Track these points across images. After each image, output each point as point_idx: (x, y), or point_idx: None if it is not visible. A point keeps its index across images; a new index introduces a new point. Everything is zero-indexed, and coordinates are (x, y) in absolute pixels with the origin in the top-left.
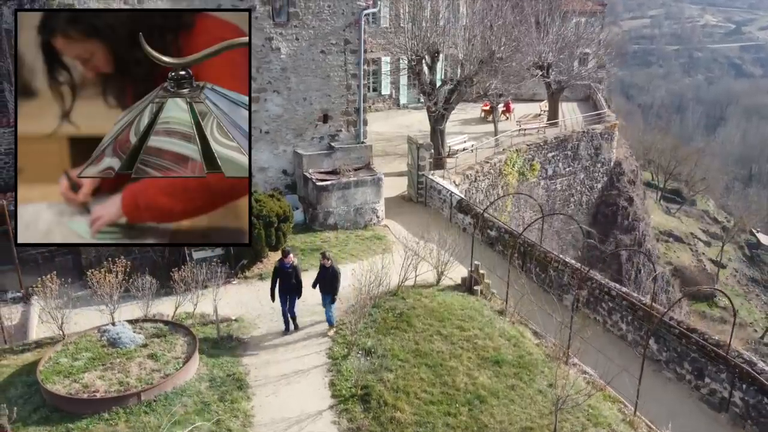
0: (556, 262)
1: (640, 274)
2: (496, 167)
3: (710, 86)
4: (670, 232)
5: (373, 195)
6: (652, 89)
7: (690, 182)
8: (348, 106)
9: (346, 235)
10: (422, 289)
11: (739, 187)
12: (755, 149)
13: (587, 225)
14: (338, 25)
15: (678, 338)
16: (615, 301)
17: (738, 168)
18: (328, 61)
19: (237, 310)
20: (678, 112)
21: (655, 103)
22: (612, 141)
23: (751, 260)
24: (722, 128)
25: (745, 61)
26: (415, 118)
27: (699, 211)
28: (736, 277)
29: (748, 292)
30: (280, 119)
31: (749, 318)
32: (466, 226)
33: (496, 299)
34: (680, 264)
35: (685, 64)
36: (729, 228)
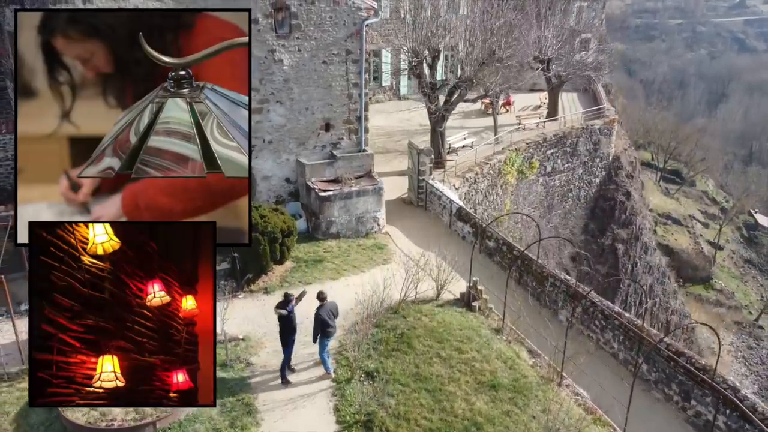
0: (552, 278)
1: (636, 267)
2: (495, 167)
3: (713, 61)
4: (669, 214)
5: (374, 204)
6: (654, 64)
7: (690, 162)
8: (350, 115)
9: (348, 245)
10: (422, 306)
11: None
12: (756, 126)
13: (585, 219)
14: (340, 35)
15: (666, 361)
16: (608, 320)
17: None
18: (330, 71)
19: (244, 327)
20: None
21: (657, 78)
22: (611, 136)
23: (748, 241)
24: (724, 105)
25: (749, 35)
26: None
27: (698, 192)
28: (733, 259)
29: (744, 274)
30: (283, 129)
31: (745, 300)
32: (465, 234)
33: (493, 315)
34: (678, 246)
35: (688, 39)
36: (728, 209)
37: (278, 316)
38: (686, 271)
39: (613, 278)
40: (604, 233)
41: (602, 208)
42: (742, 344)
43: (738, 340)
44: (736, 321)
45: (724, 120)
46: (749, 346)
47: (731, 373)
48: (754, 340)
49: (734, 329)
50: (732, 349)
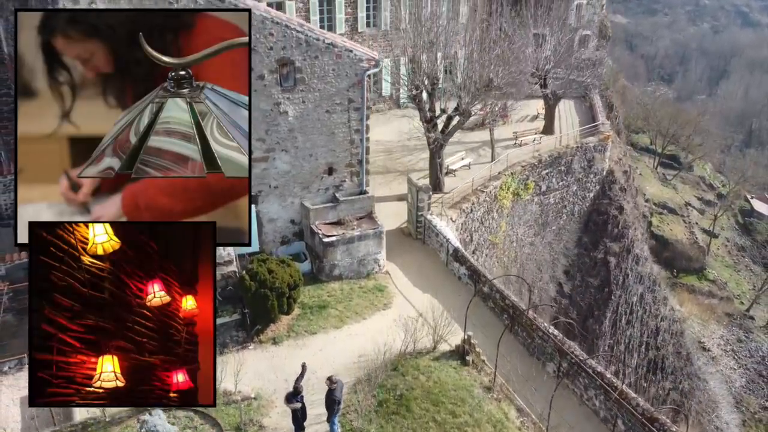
0: (541, 331)
1: (628, 278)
2: (492, 194)
3: (715, 35)
4: (665, 204)
5: (375, 246)
6: (656, 39)
7: (688, 147)
8: (351, 159)
9: (350, 287)
10: (420, 360)
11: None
12: (756, 105)
13: (579, 233)
14: (342, 86)
15: (641, 424)
16: (591, 378)
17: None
18: (333, 120)
19: (255, 382)
20: (681, 63)
21: (658, 53)
22: (605, 152)
23: (743, 228)
24: (725, 81)
25: (753, 9)
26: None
27: (695, 177)
28: (727, 247)
29: (738, 263)
30: (288, 174)
31: (737, 290)
32: (461, 275)
33: (486, 369)
34: (672, 237)
35: (691, 12)
36: (724, 194)
37: (292, 409)
38: (680, 262)
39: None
40: (597, 247)
41: (596, 221)
42: (732, 337)
43: (728, 333)
44: (727, 312)
45: (724, 98)
46: (739, 339)
47: (720, 367)
48: (744, 333)
49: (725, 321)
50: (722, 342)
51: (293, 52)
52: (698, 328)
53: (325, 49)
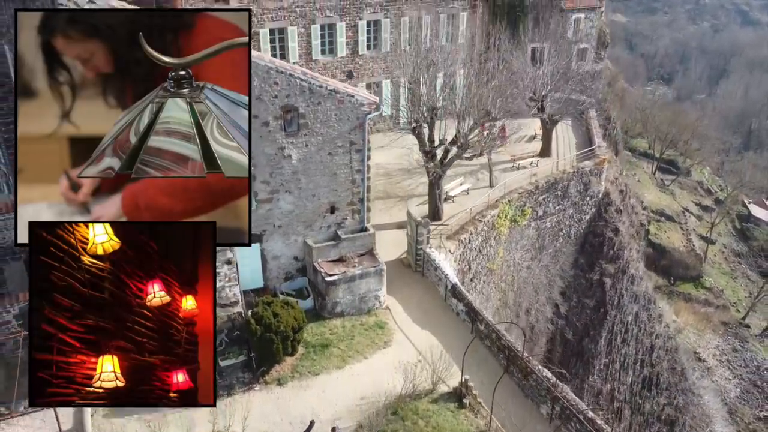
0: (535, 374)
1: (623, 298)
2: (489, 222)
3: (715, 34)
4: (662, 211)
5: (376, 283)
6: (655, 38)
7: (686, 153)
8: (353, 197)
9: (351, 324)
10: (419, 402)
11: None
12: (756, 104)
13: (575, 255)
14: (344, 129)
15: None
16: (582, 424)
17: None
18: (335, 161)
19: (261, 425)
20: (681, 62)
21: (658, 52)
22: (601, 175)
23: (741, 234)
24: (725, 80)
25: (753, 7)
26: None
27: (693, 182)
28: (724, 254)
29: (735, 270)
30: (291, 214)
31: (733, 297)
32: (459, 311)
33: (482, 412)
34: (670, 245)
35: (690, 11)
36: (722, 200)
37: None
38: (677, 270)
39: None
40: (592, 268)
41: (591, 243)
42: (728, 347)
43: (723, 343)
44: (723, 321)
45: (723, 97)
46: (734, 349)
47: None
48: (740, 342)
49: (721, 330)
50: (717, 353)
51: (297, 99)
52: (694, 339)
53: (328, 95)
